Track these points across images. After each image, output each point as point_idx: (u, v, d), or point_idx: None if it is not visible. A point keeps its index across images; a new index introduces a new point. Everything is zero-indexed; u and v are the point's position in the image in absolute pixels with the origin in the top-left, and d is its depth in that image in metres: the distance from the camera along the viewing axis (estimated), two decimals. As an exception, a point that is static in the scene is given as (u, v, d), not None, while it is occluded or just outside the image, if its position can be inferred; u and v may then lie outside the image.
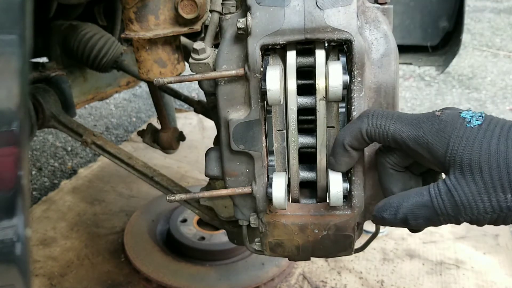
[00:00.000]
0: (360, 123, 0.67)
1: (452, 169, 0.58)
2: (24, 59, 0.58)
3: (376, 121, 0.65)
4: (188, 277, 1.79)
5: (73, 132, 1.39)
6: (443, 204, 0.58)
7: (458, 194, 0.57)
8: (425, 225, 0.62)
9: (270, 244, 0.86)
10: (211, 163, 0.87)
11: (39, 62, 1.56)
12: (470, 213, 0.57)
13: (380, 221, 0.66)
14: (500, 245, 2.05)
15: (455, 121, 0.60)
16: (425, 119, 0.62)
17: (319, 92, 0.74)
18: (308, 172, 0.82)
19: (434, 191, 0.59)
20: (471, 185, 0.56)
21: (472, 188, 0.56)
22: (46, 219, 2.22)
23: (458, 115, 0.60)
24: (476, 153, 0.56)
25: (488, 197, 0.55)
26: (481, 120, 0.58)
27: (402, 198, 0.63)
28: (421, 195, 0.61)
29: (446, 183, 0.59)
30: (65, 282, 1.82)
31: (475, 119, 0.59)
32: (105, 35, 1.52)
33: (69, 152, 3.19)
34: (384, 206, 0.65)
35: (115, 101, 4.16)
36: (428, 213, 0.60)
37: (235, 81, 0.76)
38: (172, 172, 2.63)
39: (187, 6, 0.96)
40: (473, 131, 0.58)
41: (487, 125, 0.58)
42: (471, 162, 0.56)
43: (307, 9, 0.71)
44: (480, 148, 0.56)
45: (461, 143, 0.58)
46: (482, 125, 0.58)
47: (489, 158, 0.55)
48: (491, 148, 0.56)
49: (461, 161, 0.57)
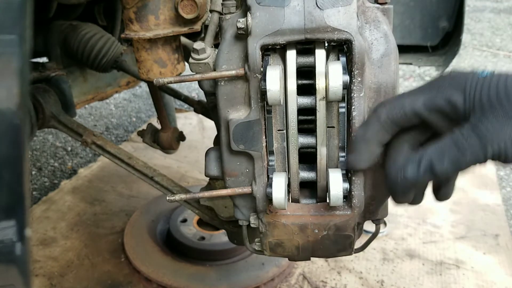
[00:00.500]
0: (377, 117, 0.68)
1: (473, 112, 0.60)
2: (24, 59, 0.58)
3: (390, 107, 0.67)
4: (188, 277, 1.79)
5: (73, 132, 1.39)
6: (468, 139, 0.59)
7: (481, 130, 0.58)
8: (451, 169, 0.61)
9: (270, 244, 0.86)
10: (211, 163, 0.87)
11: (39, 62, 1.56)
12: (497, 144, 0.57)
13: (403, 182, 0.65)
14: (500, 245, 2.05)
15: (466, 74, 0.62)
16: (435, 81, 0.65)
17: (319, 92, 0.74)
18: (308, 172, 0.82)
19: (458, 132, 0.60)
20: (493, 121, 0.58)
21: (494, 123, 0.57)
22: (46, 219, 2.22)
23: (467, 71, 0.63)
24: (493, 90, 0.58)
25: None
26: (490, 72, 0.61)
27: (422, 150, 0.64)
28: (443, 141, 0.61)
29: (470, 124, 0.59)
30: (65, 282, 1.82)
31: (485, 72, 0.61)
32: (105, 35, 1.52)
33: (69, 152, 3.19)
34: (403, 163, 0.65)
35: (115, 101, 4.16)
36: (454, 153, 0.60)
37: (235, 81, 0.76)
38: (172, 172, 2.63)
39: (187, 6, 0.96)
40: (486, 79, 0.60)
41: (498, 74, 0.60)
42: (490, 99, 0.58)
43: (307, 9, 0.71)
44: (497, 87, 0.58)
45: (477, 87, 0.60)
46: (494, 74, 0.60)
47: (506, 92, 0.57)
48: (507, 84, 0.58)
49: (481, 102, 0.59)
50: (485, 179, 2.65)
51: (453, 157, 0.60)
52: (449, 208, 2.34)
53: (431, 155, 0.61)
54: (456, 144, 0.59)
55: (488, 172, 2.74)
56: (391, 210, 0.88)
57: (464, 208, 2.35)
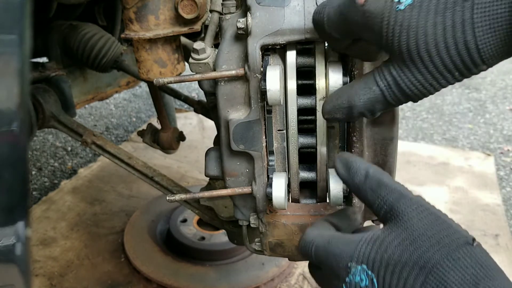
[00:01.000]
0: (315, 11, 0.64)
1: (394, 57, 0.55)
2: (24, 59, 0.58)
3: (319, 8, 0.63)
4: (188, 277, 1.79)
5: (73, 132, 1.39)
6: (395, 95, 0.57)
7: (407, 85, 0.55)
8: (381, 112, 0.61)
9: (270, 244, 0.86)
10: (211, 163, 0.87)
11: (39, 62, 1.56)
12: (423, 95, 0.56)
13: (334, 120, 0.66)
14: (500, 245, 2.05)
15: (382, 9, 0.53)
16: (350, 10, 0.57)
17: (319, 92, 0.74)
18: (308, 172, 0.82)
19: (383, 84, 0.57)
20: (416, 74, 0.54)
21: (419, 77, 0.54)
22: (46, 219, 2.22)
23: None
24: (413, 40, 0.52)
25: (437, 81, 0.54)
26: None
27: (350, 95, 0.60)
28: (371, 90, 0.58)
29: (392, 74, 0.56)
30: (65, 282, 1.82)
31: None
32: (105, 35, 1.52)
33: (69, 152, 3.19)
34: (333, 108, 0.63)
35: (115, 101, 4.16)
36: (383, 105, 0.59)
37: (235, 81, 0.76)
38: (172, 172, 2.63)
39: (187, 6, 0.96)
40: (405, 15, 0.52)
41: (420, 1, 0.51)
42: (410, 51, 0.53)
43: (307, 9, 0.71)
44: (416, 33, 0.51)
45: (395, 31, 0.53)
46: (415, 3, 0.51)
47: (426, 44, 0.51)
48: (427, 32, 0.51)
49: (400, 51, 0.53)
50: (485, 179, 2.65)
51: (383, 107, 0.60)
52: (449, 208, 2.34)
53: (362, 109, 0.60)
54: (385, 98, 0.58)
55: (488, 172, 2.74)
56: (391, 210, 0.88)
57: (464, 208, 2.35)
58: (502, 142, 3.30)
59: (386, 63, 0.57)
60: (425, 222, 0.53)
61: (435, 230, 0.52)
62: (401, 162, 2.73)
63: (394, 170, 0.79)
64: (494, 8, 0.48)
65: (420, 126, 3.59)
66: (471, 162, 2.87)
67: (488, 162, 2.88)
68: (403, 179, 2.60)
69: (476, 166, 2.82)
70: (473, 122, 3.67)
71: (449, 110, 3.90)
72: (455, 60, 0.51)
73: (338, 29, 0.61)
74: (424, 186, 2.56)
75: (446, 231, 0.52)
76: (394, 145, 0.76)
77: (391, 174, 0.78)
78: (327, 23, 0.61)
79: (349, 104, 0.60)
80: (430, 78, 0.53)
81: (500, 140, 3.33)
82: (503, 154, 3.12)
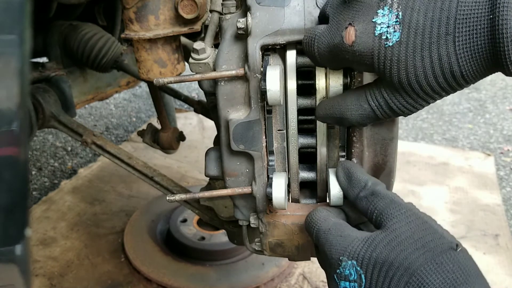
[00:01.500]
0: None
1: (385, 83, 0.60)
2: (24, 59, 0.58)
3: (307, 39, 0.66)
4: (188, 277, 1.79)
5: (73, 132, 1.39)
6: (385, 113, 0.62)
7: (397, 107, 0.60)
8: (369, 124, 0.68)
9: (270, 244, 0.86)
10: (211, 163, 0.87)
11: (39, 62, 1.56)
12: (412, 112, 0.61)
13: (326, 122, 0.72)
14: (500, 245, 2.06)
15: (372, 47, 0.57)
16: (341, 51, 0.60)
17: (319, 92, 0.74)
18: (308, 172, 0.82)
19: (374, 104, 0.62)
20: (407, 99, 0.59)
21: (409, 100, 0.59)
22: (46, 219, 2.22)
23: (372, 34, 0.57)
24: (403, 73, 0.56)
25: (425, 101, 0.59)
26: (399, 29, 0.55)
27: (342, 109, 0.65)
28: (362, 107, 0.63)
29: (383, 96, 0.60)
30: (65, 282, 1.82)
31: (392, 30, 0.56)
32: (105, 35, 1.52)
33: (69, 152, 3.19)
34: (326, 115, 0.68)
35: (115, 101, 4.16)
36: (373, 120, 0.64)
37: (235, 81, 0.76)
38: (172, 172, 2.63)
39: (187, 6, 0.96)
40: (394, 51, 0.56)
41: (406, 37, 0.55)
42: (401, 82, 0.57)
43: (307, 9, 0.71)
44: (406, 67, 0.56)
45: (386, 65, 0.57)
46: (402, 40, 0.55)
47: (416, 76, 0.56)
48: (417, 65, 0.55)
49: (391, 80, 0.58)
50: (485, 179, 2.65)
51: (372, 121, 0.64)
52: (449, 208, 2.34)
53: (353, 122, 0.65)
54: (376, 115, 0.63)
55: (488, 172, 2.74)
56: (391, 210, 0.88)
57: (464, 208, 2.35)
58: (502, 142, 3.30)
59: (378, 84, 0.62)
60: (412, 226, 0.58)
61: (421, 234, 0.57)
62: (401, 162, 2.73)
63: (394, 170, 0.79)
64: (474, 40, 0.53)
65: (420, 126, 3.59)
66: (471, 162, 2.87)
67: (488, 162, 2.88)
68: (403, 179, 2.60)
69: (476, 166, 2.82)
70: (473, 122, 3.67)
71: (449, 110, 3.90)
72: (443, 85, 0.56)
73: (330, 63, 0.65)
74: (424, 186, 2.56)
75: (432, 235, 0.57)
76: (394, 145, 0.76)
77: (391, 174, 0.78)
78: (318, 57, 0.65)
79: (341, 116, 0.65)
80: (420, 100, 0.59)
81: (500, 140, 3.33)
82: (503, 154, 3.12)
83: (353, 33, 0.58)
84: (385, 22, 0.56)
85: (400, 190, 2.48)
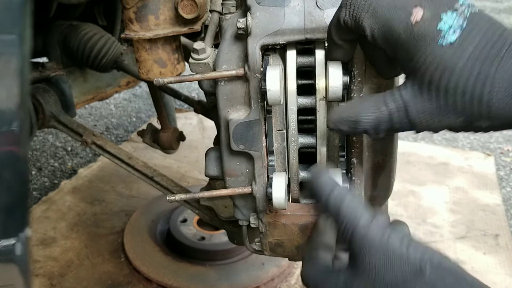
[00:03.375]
0: (339, 12, 0.63)
1: (412, 79, 0.58)
2: (24, 59, 0.58)
3: (353, 12, 0.61)
4: (188, 277, 1.79)
5: (73, 132, 1.39)
6: (400, 121, 0.59)
7: (413, 112, 0.57)
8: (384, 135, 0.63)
9: (270, 244, 0.86)
10: (211, 163, 0.87)
11: (39, 62, 1.56)
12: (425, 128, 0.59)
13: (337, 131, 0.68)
14: (500, 245, 2.06)
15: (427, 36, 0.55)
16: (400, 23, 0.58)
17: (319, 92, 0.74)
18: (308, 172, 0.82)
19: (392, 106, 0.59)
20: (425, 104, 0.56)
21: (426, 107, 0.56)
22: (46, 219, 2.22)
23: (435, 26, 0.55)
24: (438, 73, 0.54)
25: (440, 118, 0.56)
26: (458, 33, 0.54)
27: (359, 110, 0.62)
28: (379, 110, 0.60)
29: (403, 98, 0.58)
30: (65, 282, 1.82)
31: (452, 31, 0.54)
32: (105, 35, 1.52)
33: (69, 152, 3.19)
34: (340, 119, 0.64)
35: (115, 101, 4.16)
36: (388, 127, 0.60)
37: (235, 81, 0.76)
38: (172, 172, 2.64)
39: (187, 6, 0.96)
40: (442, 51, 0.54)
41: (461, 42, 0.54)
42: (431, 80, 0.55)
43: (307, 9, 0.71)
44: (444, 69, 0.54)
45: (426, 61, 0.55)
46: (455, 44, 0.54)
47: (448, 80, 0.54)
48: (455, 70, 0.54)
49: (422, 78, 0.56)
50: (485, 179, 2.65)
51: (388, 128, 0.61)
52: (449, 208, 2.34)
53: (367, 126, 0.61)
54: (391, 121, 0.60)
55: (488, 172, 2.74)
56: (390, 210, 0.88)
57: (464, 208, 2.35)
58: (502, 142, 3.30)
59: (400, 87, 0.60)
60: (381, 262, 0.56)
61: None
62: (401, 162, 2.73)
63: (394, 170, 0.79)
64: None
65: (420, 126, 3.59)
66: (471, 162, 2.87)
67: (488, 162, 2.88)
68: (403, 179, 2.60)
69: (476, 166, 2.82)
70: (473, 122, 3.66)
71: (449, 110, 3.90)
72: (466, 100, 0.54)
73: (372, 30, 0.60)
74: (424, 186, 2.56)
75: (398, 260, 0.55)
76: (394, 145, 0.76)
77: (391, 174, 0.78)
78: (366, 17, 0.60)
79: (357, 119, 0.62)
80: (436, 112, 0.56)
81: (500, 140, 3.33)
82: (503, 154, 3.12)
83: (420, 14, 0.56)
84: (450, 22, 0.55)
85: (400, 190, 2.48)
